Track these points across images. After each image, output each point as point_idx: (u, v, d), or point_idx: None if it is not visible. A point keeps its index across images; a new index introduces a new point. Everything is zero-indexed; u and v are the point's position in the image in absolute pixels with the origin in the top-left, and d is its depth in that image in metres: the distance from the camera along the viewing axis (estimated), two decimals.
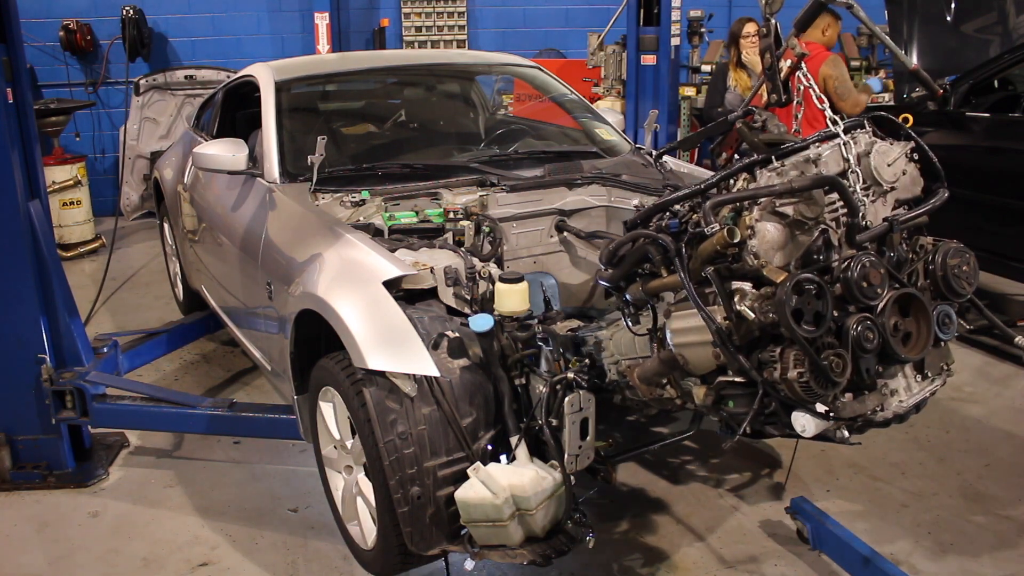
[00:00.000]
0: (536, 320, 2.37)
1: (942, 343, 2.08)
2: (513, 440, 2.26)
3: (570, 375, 2.23)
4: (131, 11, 7.45)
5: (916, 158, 2.16)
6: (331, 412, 2.66)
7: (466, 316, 2.38)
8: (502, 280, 2.33)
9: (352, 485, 2.66)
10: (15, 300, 3.18)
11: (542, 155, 3.62)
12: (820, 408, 1.95)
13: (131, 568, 2.82)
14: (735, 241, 1.90)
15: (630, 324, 2.30)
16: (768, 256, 1.94)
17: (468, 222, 2.87)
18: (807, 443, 3.26)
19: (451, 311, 2.44)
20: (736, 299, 1.92)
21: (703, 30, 7.45)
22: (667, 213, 2.17)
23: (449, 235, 2.82)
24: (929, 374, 2.11)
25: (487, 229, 2.78)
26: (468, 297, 2.43)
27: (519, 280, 2.33)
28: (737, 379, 2.00)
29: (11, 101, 3.11)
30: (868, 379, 1.93)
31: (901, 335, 1.93)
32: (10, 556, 2.90)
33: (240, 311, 3.62)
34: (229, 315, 3.90)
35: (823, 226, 1.99)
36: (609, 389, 2.47)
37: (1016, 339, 2.24)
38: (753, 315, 1.86)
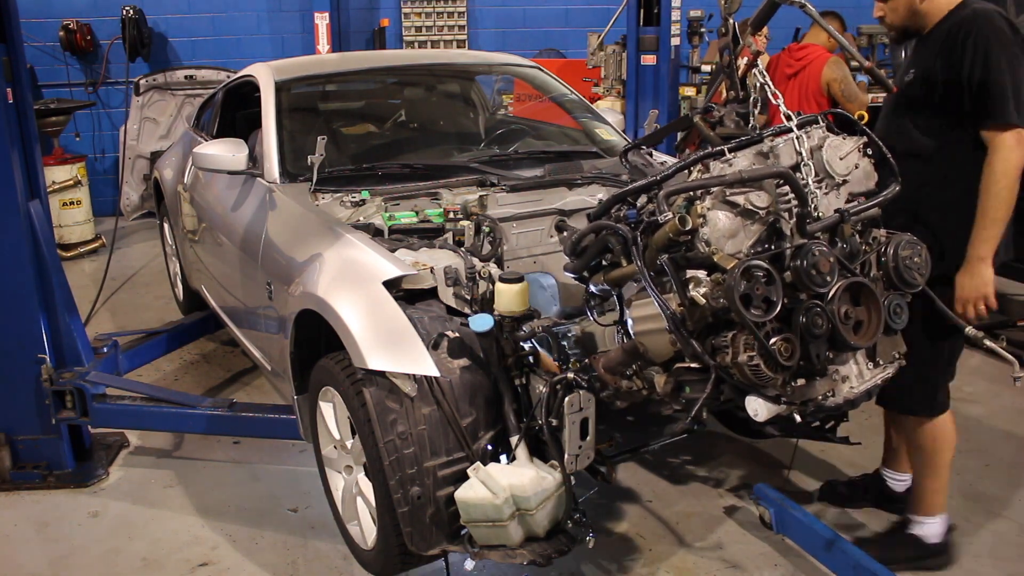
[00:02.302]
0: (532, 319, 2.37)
1: (894, 332, 2.14)
2: (513, 440, 2.26)
3: (570, 375, 2.23)
4: (131, 11, 7.45)
5: (869, 153, 2.21)
6: (331, 412, 2.66)
7: (466, 316, 2.38)
8: (502, 280, 2.33)
9: (352, 485, 2.66)
10: (15, 300, 3.18)
11: (542, 155, 3.62)
12: (772, 392, 1.99)
13: (131, 568, 2.82)
14: (687, 229, 1.95)
15: (595, 316, 2.35)
16: (720, 244, 1.99)
17: (468, 222, 2.87)
18: (807, 443, 3.27)
19: (451, 311, 2.44)
20: (690, 286, 1.98)
21: (703, 30, 7.44)
22: (626, 204, 2.23)
23: (449, 235, 2.82)
24: (881, 361, 2.16)
25: (487, 229, 2.79)
26: (468, 297, 2.43)
27: (519, 280, 2.33)
28: (693, 365, 2.03)
29: (11, 101, 3.11)
30: (819, 365, 1.98)
31: (852, 323, 1.98)
32: (10, 556, 2.90)
33: (240, 311, 3.62)
34: (229, 315, 3.90)
35: (775, 216, 2.05)
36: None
37: (967, 329, 2.31)
38: (704, 301, 1.92)
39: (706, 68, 7.34)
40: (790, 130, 2.11)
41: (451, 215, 2.92)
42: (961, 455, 3.40)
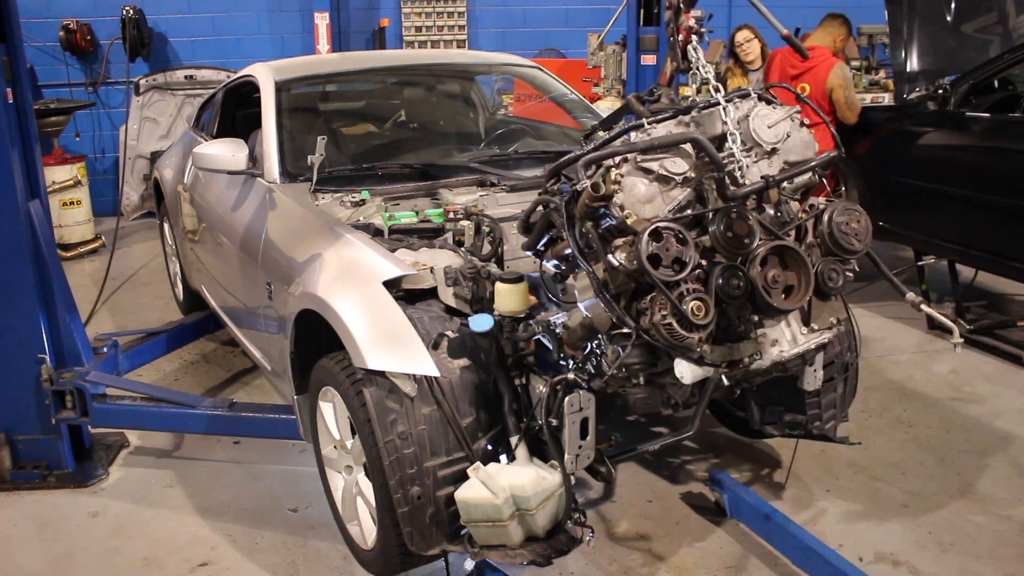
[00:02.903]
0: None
1: (832, 298, 2.15)
2: (513, 440, 2.26)
3: (570, 375, 2.23)
4: (131, 11, 7.46)
5: (807, 123, 2.23)
6: (331, 412, 2.66)
7: (466, 316, 2.38)
8: (502, 280, 2.33)
9: (352, 485, 2.66)
10: (15, 300, 3.18)
11: (542, 155, 3.62)
12: (693, 355, 2.03)
13: (131, 568, 2.82)
14: (600, 194, 1.99)
15: (553, 295, 2.41)
16: (636, 209, 2.03)
17: (468, 222, 2.87)
18: (807, 443, 3.27)
19: (451, 311, 2.44)
20: (614, 251, 2.02)
21: (703, 30, 7.44)
22: (563, 178, 2.28)
23: (449, 235, 2.82)
24: (816, 327, 2.17)
25: (487, 229, 2.79)
26: (468, 297, 2.43)
27: (519, 280, 2.33)
28: (626, 331, 2.06)
29: (11, 101, 3.11)
30: (742, 327, 2.03)
31: (781, 287, 2.01)
32: (10, 556, 2.90)
33: (240, 311, 3.62)
34: (229, 315, 3.90)
35: (698, 182, 2.10)
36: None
37: (907, 295, 2.31)
38: (619, 264, 1.98)
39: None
40: (719, 103, 2.16)
41: (451, 215, 2.92)
42: (961, 455, 3.41)
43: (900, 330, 4.79)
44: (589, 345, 2.24)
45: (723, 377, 2.13)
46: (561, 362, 2.33)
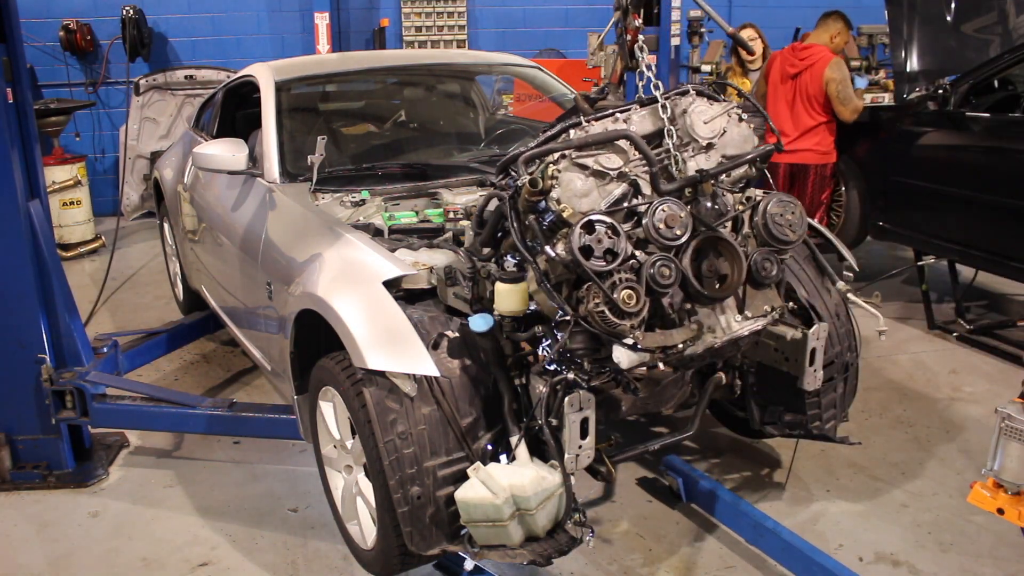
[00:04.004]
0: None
1: (766, 286, 2.23)
2: (513, 440, 2.26)
3: (570, 375, 2.24)
4: (131, 11, 7.45)
5: (744, 118, 2.32)
6: (331, 412, 2.66)
7: (466, 316, 2.38)
8: (502, 280, 2.33)
9: (352, 485, 2.66)
10: (15, 300, 3.18)
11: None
12: (628, 341, 2.11)
13: (131, 568, 2.82)
14: (538, 189, 2.09)
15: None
16: (573, 203, 2.13)
17: (468, 222, 2.87)
18: (807, 443, 3.27)
19: (451, 311, 2.44)
20: (554, 244, 2.12)
21: (703, 30, 7.44)
22: (507, 176, 2.38)
23: (449, 235, 2.82)
24: (750, 314, 2.24)
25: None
26: (468, 297, 2.43)
27: (519, 280, 2.33)
28: (567, 319, 2.13)
29: (11, 101, 3.11)
30: (674, 315, 2.13)
31: (715, 276, 2.10)
32: (10, 556, 2.90)
33: (240, 311, 3.62)
34: (229, 315, 3.90)
35: (631, 177, 2.20)
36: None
37: (837, 283, 2.46)
38: (556, 255, 2.08)
39: (706, 68, 7.34)
40: (656, 100, 2.26)
41: (451, 215, 2.92)
42: (961, 455, 3.41)
43: (900, 330, 4.79)
44: (536, 332, 2.32)
45: (659, 363, 2.22)
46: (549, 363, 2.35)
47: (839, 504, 3.08)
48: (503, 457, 2.26)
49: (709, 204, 2.20)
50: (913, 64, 5.05)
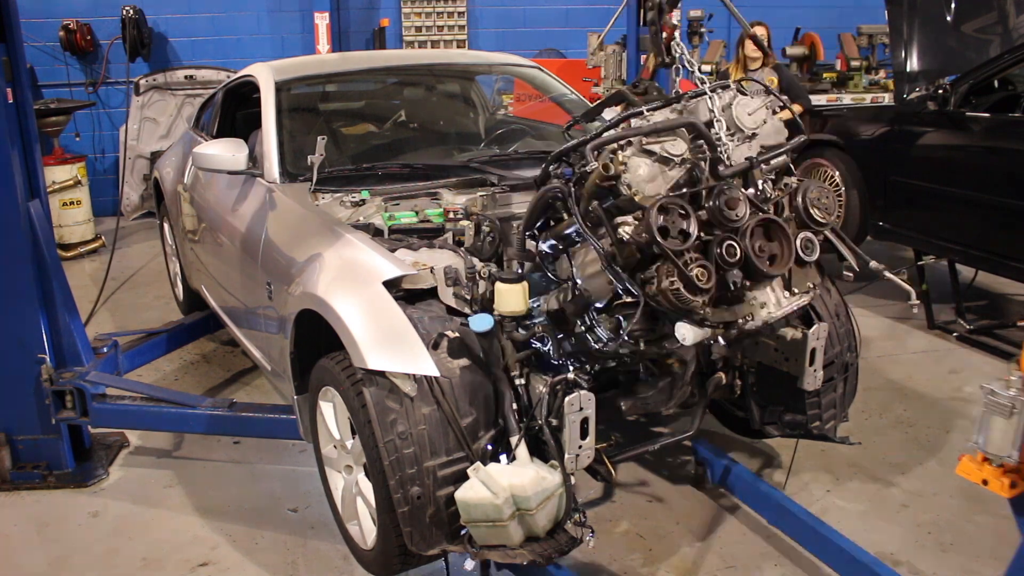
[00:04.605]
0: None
1: (808, 265, 2.34)
2: (513, 440, 2.26)
3: (570, 375, 2.24)
4: (131, 11, 7.45)
5: (777, 111, 2.45)
6: (331, 412, 2.66)
7: (466, 316, 2.38)
8: (502, 280, 2.33)
9: (352, 485, 2.66)
10: (15, 300, 3.18)
11: (542, 155, 3.61)
12: (696, 317, 2.19)
13: (131, 568, 2.82)
14: (610, 175, 2.17)
15: (552, 272, 2.54)
16: (640, 188, 2.20)
17: (468, 222, 2.87)
18: (807, 443, 3.26)
19: (451, 311, 2.44)
20: (619, 228, 2.20)
21: (703, 30, 7.43)
22: (563, 163, 2.51)
23: (449, 235, 2.82)
24: (796, 291, 2.35)
25: (487, 229, 2.79)
26: (468, 297, 2.43)
27: (519, 280, 2.33)
28: (628, 300, 2.22)
29: (11, 101, 3.11)
30: (735, 291, 2.21)
31: (767, 256, 2.21)
32: (10, 556, 2.90)
33: (240, 311, 3.62)
34: (229, 315, 3.90)
35: (692, 163, 2.28)
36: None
37: (870, 263, 2.53)
38: (629, 237, 2.14)
39: (706, 68, 7.35)
40: (705, 92, 2.37)
41: (451, 215, 2.92)
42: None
43: (900, 330, 4.79)
44: (584, 319, 2.37)
45: (719, 338, 2.29)
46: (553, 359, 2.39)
47: (839, 504, 3.08)
48: (503, 457, 2.26)
49: (752, 191, 2.32)
50: (913, 64, 5.05)
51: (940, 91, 4.60)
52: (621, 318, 2.31)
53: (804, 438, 3.03)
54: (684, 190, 2.24)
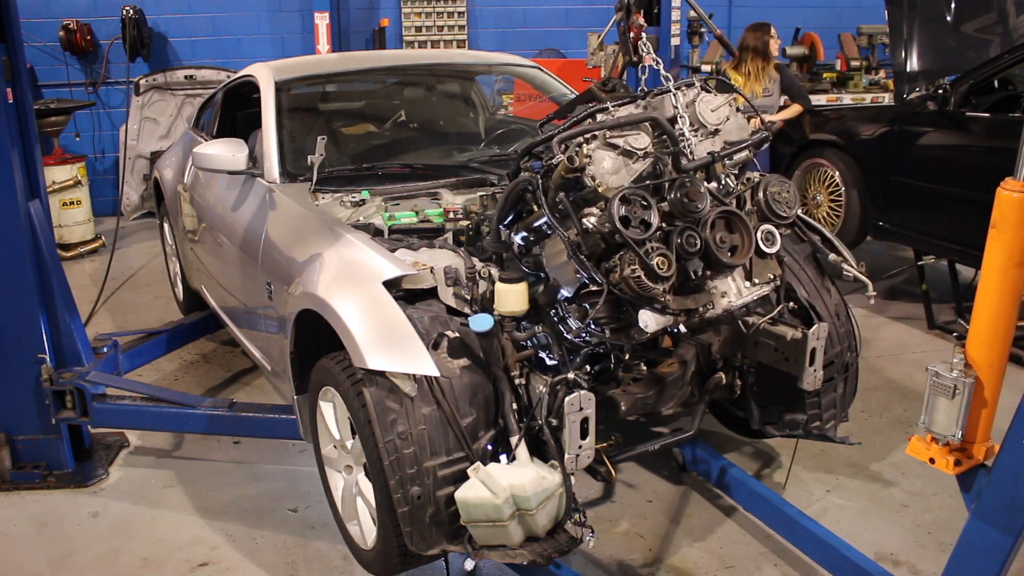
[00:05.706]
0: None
1: (769, 256, 2.41)
2: (513, 440, 2.26)
3: (570, 375, 2.24)
4: (131, 11, 7.45)
5: (740, 109, 2.55)
6: (331, 412, 2.66)
7: (466, 316, 2.38)
8: (502, 280, 2.33)
9: (352, 485, 2.66)
10: (15, 300, 3.18)
11: (541, 155, 3.62)
12: (657, 305, 2.25)
13: (131, 568, 2.82)
14: (575, 166, 2.21)
15: (525, 265, 2.56)
16: (604, 179, 2.27)
17: (468, 222, 2.87)
18: (807, 443, 3.27)
19: (451, 311, 2.44)
20: (585, 218, 2.26)
21: (703, 30, 7.44)
22: (534, 157, 2.59)
23: (449, 235, 2.82)
24: (757, 281, 2.42)
25: (487, 229, 2.79)
26: (468, 297, 2.44)
27: (519, 280, 2.33)
28: (594, 288, 2.28)
29: (11, 101, 3.11)
30: (697, 280, 2.28)
31: (728, 247, 2.27)
32: (10, 556, 2.90)
33: (240, 311, 3.62)
34: (229, 315, 3.90)
35: (655, 156, 2.36)
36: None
37: (829, 256, 2.67)
38: (593, 227, 2.21)
39: (706, 68, 7.35)
40: (670, 90, 2.47)
41: (451, 215, 2.92)
42: None
43: (900, 330, 4.79)
44: (556, 309, 2.42)
45: (680, 326, 2.37)
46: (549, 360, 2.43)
47: (839, 504, 3.08)
48: (503, 457, 2.26)
49: (715, 184, 2.40)
50: (913, 64, 5.05)
51: (940, 91, 4.59)
52: (588, 306, 2.36)
53: (804, 438, 3.03)
54: (647, 182, 2.31)
